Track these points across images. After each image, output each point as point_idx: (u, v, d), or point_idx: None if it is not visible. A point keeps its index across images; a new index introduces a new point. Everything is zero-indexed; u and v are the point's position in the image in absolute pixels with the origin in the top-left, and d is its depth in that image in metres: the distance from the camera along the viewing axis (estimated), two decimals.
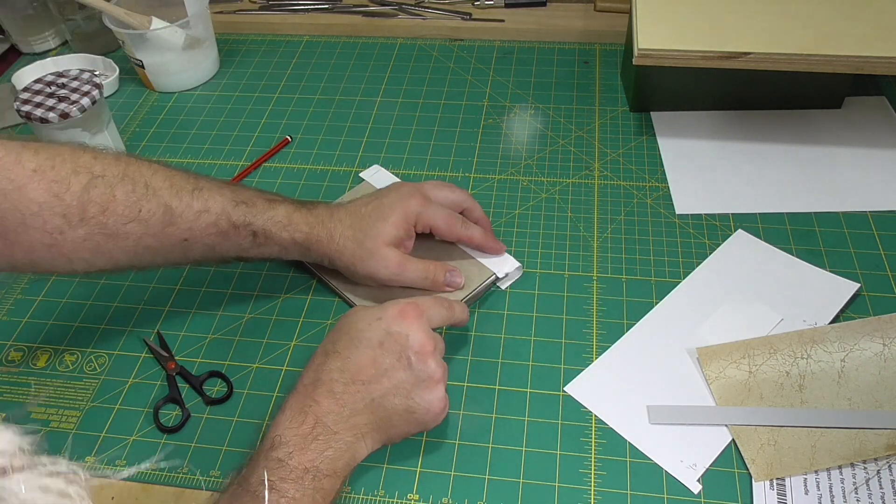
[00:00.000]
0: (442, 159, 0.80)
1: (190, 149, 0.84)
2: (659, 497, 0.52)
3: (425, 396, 0.51)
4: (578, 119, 0.84)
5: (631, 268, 0.67)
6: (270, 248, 0.60)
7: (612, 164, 0.78)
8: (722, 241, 0.69)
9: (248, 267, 0.70)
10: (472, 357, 0.61)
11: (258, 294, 0.67)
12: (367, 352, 0.51)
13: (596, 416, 0.57)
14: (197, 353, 0.63)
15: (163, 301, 0.67)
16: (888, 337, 0.58)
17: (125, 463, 0.56)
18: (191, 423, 0.58)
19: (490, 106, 0.87)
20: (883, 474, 0.52)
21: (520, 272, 0.67)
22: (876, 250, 0.67)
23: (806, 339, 0.58)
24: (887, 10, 0.72)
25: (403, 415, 0.51)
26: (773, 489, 0.51)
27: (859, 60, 0.67)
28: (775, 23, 0.71)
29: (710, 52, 0.69)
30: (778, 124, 0.80)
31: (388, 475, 0.54)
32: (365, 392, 0.50)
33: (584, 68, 0.91)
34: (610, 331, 0.62)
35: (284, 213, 0.60)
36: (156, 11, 0.89)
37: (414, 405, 0.51)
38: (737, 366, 0.58)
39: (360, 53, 0.97)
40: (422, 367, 0.51)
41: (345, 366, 0.51)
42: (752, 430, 0.54)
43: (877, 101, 0.83)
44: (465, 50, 0.96)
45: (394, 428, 0.51)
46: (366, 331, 0.52)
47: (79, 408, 0.60)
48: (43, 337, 0.65)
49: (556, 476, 0.53)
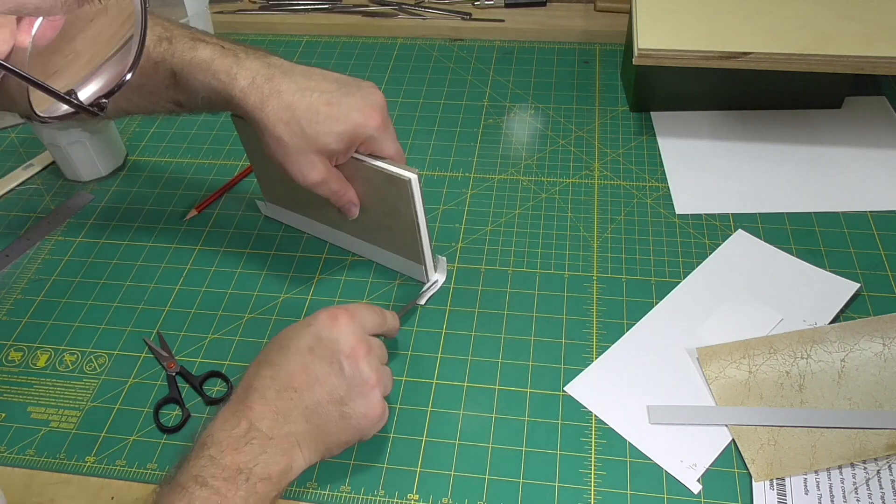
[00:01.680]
0: (442, 159, 0.80)
1: (190, 149, 0.84)
2: (659, 497, 0.52)
3: (360, 402, 0.49)
4: (578, 119, 0.84)
5: (631, 268, 0.67)
6: (193, 95, 0.56)
7: (612, 164, 0.78)
8: (722, 241, 0.69)
9: (248, 267, 0.70)
10: (472, 357, 0.61)
11: (258, 294, 0.67)
12: (297, 358, 0.49)
13: (596, 416, 0.57)
14: (197, 353, 0.63)
15: (163, 301, 0.67)
16: (888, 337, 0.58)
17: (125, 463, 0.56)
18: (191, 424, 0.58)
19: (490, 106, 0.87)
20: (883, 474, 0.52)
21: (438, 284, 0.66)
22: (876, 250, 0.67)
23: (806, 339, 0.58)
24: (887, 10, 0.72)
25: (339, 422, 0.49)
26: (773, 489, 0.51)
27: (859, 60, 0.67)
28: (775, 23, 0.71)
29: (710, 52, 0.69)
30: (778, 124, 0.80)
31: (388, 475, 0.54)
32: (298, 399, 0.48)
33: (584, 68, 0.91)
34: (610, 331, 0.62)
35: (207, 56, 0.54)
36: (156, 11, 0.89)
37: (349, 411, 0.49)
38: (737, 366, 0.58)
39: (360, 53, 0.97)
40: (354, 371, 0.49)
41: (276, 373, 0.49)
42: (752, 430, 0.54)
43: (877, 101, 0.83)
44: (465, 50, 0.96)
45: (331, 436, 0.49)
46: (295, 338, 0.50)
47: (79, 408, 0.60)
48: (43, 337, 0.65)
49: (556, 476, 0.53)
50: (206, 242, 0.72)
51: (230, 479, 0.44)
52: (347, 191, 0.59)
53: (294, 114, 0.54)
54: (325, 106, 0.54)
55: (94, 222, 0.76)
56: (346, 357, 0.49)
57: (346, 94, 0.55)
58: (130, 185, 0.80)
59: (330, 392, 0.49)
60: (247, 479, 0.45)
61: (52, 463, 0.56)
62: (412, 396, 0.59)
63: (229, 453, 0.45)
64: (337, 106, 0.54)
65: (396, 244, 0.65)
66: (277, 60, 0.56)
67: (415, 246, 0.63)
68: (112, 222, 0.75)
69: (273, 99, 0.54)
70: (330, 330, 0.50)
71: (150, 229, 0.74)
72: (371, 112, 0.55)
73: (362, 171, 0.58)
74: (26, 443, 0.58)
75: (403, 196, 0.58)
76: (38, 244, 0.74)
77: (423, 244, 0.62)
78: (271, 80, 0.54)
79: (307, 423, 0.48)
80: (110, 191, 0.79)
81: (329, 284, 0.68)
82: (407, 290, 0.67)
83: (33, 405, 0.60)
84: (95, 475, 0.56)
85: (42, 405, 0.60)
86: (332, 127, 0.54)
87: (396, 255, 0.66)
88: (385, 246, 0.66)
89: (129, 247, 0.73)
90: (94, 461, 0.56)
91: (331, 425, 0.49)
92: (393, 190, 0.58)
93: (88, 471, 0.56)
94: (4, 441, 0.58)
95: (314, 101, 0.54)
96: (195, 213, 0.75)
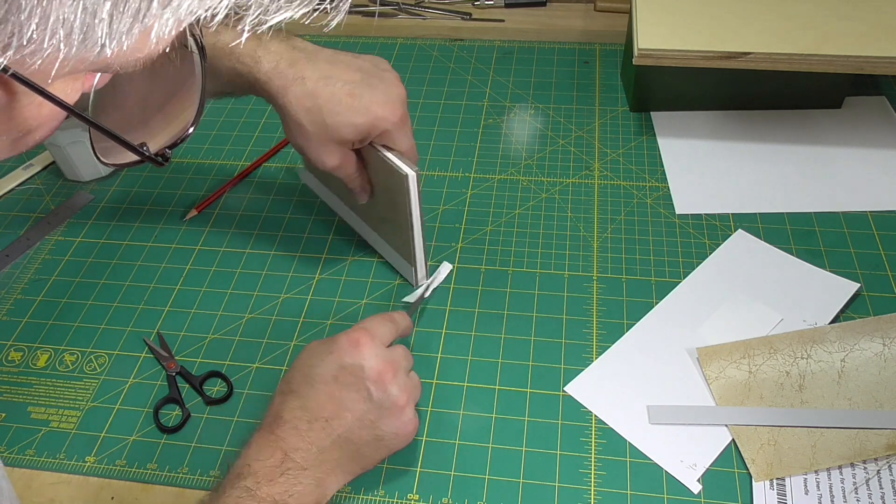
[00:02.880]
0: (442, 159, 0.80)
1: (190, 149, 0.84)
2: (659, 497, 0.52)
3: (392, 423, 0.49)
4: (578, 119, 0.84)
5: (631, 268, 0.67)
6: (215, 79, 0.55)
7: (612, 164, 0.78)
8: (722, 241, 0.69)
9: (248, 267, 0.70)
10: (472, 357, 0.61)
11: (258, 294, 0.67)
12: (324, 388, 0.49)
13: (596, 416, 0.57)
14: (197, 353, 0.63)
15: (163, 301, 0.67)
16: (888, 337, 0.58)
17: (125, 463, 0.56)
18: (191, 424, 0.58)
19: (490, 106, 0.87)
20: (883, 474, 0.52)
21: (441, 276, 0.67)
22: (876, 250, 0.67)
23: (806, 339, 0.58)
24: (887, 10, 0.72)
25: (372, 444, 0.49)
26: (773, 489, 0.51)
27: (859, 60, 0.67)
28: (775, 23, 0.71)
29: (710, 52, 0.69)
30: (778, 124, 0.80)
31: (388, 475, 0.54)
32: (330, 429, 0.48)
33: (584, 68, 0.91)
34: (610, 331, 0.62)
35: (230, 39, 0.53)
36: None
37: (382, 433, 0.49)
38: (737, 366, 0.58)
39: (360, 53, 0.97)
40: (382, 395, 0.48)
41: (304, 403, 0.48)
42: (752, 430, 0.54)
43: (877, 101, 0.83)
44: (465, 50, 0.96)
45: (365, 458, 0.50)
46: (318, 367, 0.49)
47: (79, 408, 0.60)
48: (43, 337, 0.65)
49: (556, 476, 0.53)
50: (206, 242, 0.72)
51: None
52: (360, 176, 0.60)
53: (316, 102, 0.54)
54: (347, 97, 0.54)
55: (94, 222, 0.76)
56: (374, 382, 0.48)
57: (368, 86, 0.55)
58: (130, 185, 0.80)
59: (360, 418, 0.48)
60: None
61: (52, 463, 0.56)
62: None
63: (265, 484, 0.45)
64: (359, 98, 0.55)
65: (394, 239, 0.66)
66: (302, 43, 0.56)
67: (408, 245, 0.63)
68: (112, 222, 0.75)
69: (296, 85, 0.54)
70: (353, 357, 0.49)
71: (150, 229, 0.74)
72: (392, 107, 0.56)
73: (373, 158, 0.59)
74: (26, 443, 0.58)
75: (401, 191, 0.58)
76: (38, 244, 0.74)
77: (416, 244, 0.62)
78: (295, 65, 0.54)
79: (340, 450, 0.48)
80: (110, 191, 0.79)
81: (329, 284, 0.68)
82: (407, 290, 0.66)
83: (33, 405, 0.60)
84: (95, 475, 0.56)
85: (42, 405, 0.60)
86: (352, 119, 0.55)
87: (393, 251, 0.67)
88: (386, 238, 0.67)
89: (129, 247, 0.73)
90: (94, 461, 0.56)
91: (364, 448, 0.49)
92: (393, 182, 0.58)
93: (88, 471, 0.56)
94: (4, 441, 0.58)
95: (337, 90, 0.54)
96: (195, 213, 0.75)
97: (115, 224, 0.75)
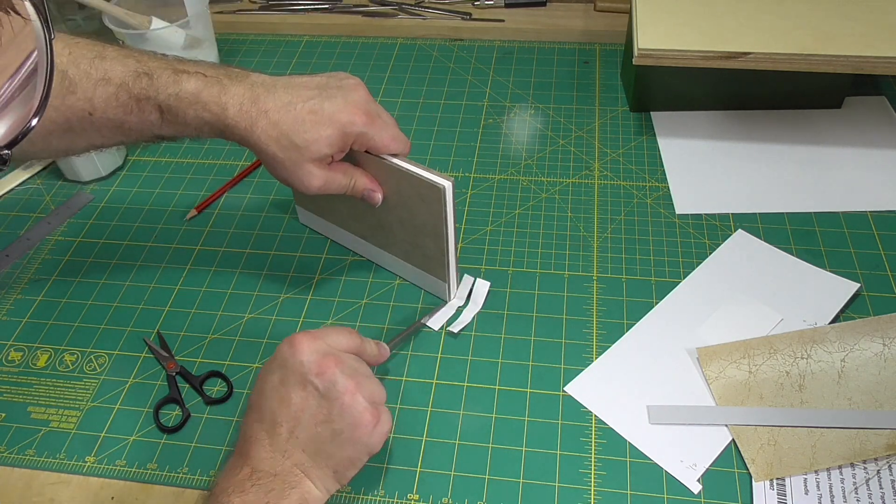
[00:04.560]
0: (442, 159, 0.80)
1: (190, 148, 0.84)
2: (659, 497, 0.52)
3: (345, 414, 0.48)
4: (578, 119, 0.84)
5: (631, 268, 0.67)
6: (183, 127, 0.55)
7: (612, 164, 0.78)
8: (722, 241, 0.69)
9: (248, 267, 0.70)
10: (472, 357, 0.61)
11: (258, 294, 0.67)
12: (273, 395, 0.49)
13: (596, 416, 0.57)
14: (197, 353, 0.63)
15: (163, 301, 0.67)
16: (888, 337, 0.58)
17: (125, 463, 0.56)
18: (191, 423, 0.58)
19: (490, 106, 0.87)
20: (883, 474, 0.52)
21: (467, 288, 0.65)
22: (876, 250, 0.67)
23: (806, 339, 0.58)
24: (887, 10, 0.72)
25: (333, 440, 0.48)
26: (773, 489, 0.51)
27: (859, 60, 0.67)
28: (775, 23, 0.71)
29: (710, 52, 0.69)
30: (778, 124, 0.80)
31: (388, 475, 0.54)
32: (287, 433, 0.48)
33: (584, 68, 0.91)
34: (610, 331, 0.62)
35: (193, 89, 0.54)
36: (156, 11, 0.89)
37: (339, 427, 0.48)
38: (737, 366, 0.58)
39: (360, 53, 0.97)
40: (328, 387, 0.48)
41: (261, 416, 0.49)
42: (752, 430, 0.54)
43: (877, 101, 0.83)
44: (465, 50, 0.96)
45: (332, 457, 0.48)
46: (266, 375, 0.50)
47: (79, 408, 0.60)
48: (43, 337, 0.65)
49: (556, 476, 0.53)
50: (206, 242, 0.72)
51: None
52: (356, 180, 0.59)
53: (282, 129, 0.54)
54: (309, 115, 0.54)
55: (94, 222, 0.76)
56: (316, 375, 0.48)
57: (327, 98, 0.55)
58: (130, 185, 0.80)
59: (313, 415, 0.48)
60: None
61: (52, 463, 0.56)
62: (412, 396, 0.59)
63: (237, 495, 0.45)
64: (321, 112, 0.55)
65: (418, 257, 0.63)
66: (258, 78, 0.56)
67: (440, 259, 0.61)
68: (112, 222, 0.75)
69: (261, 119, 0.54)
70: (293, 356, 0.49)
71: (150, 229, 0.74)
72: (354, 110, 0.55)
73: (394, 176, 0.58)
74: (26, 443, 0.58)
75: (434, 203, 0.56)
76: (38, 244, 0.74)
77: (450, 257, 0.60)
78: (257, 102, 0.54)
79: (304, 452, 0.48)
80: (110, 191, 0.79)
81: (329, 284, 0.68)
82: (407, 290, 0.66)
83: (33, 405, 0.60)
84: (95, 475, 0.56)
85: (42, 405, 0.60)
86: (319, 132, 0.54)
87: (417, 269, 0.65)
88: (408, 259, 0.65)
89: (129, 247, 0.73)
90: (94, 461, 0.56)
91: (327, 446, 0.48)
92: (422, 196, 0.57)
93: (88, 471, 0.56)
94: (4, 441, 0.58)
95: (298, 111, 0.54)
96: (195, 213, 0.75)
97: (115, 224, 0.75)
